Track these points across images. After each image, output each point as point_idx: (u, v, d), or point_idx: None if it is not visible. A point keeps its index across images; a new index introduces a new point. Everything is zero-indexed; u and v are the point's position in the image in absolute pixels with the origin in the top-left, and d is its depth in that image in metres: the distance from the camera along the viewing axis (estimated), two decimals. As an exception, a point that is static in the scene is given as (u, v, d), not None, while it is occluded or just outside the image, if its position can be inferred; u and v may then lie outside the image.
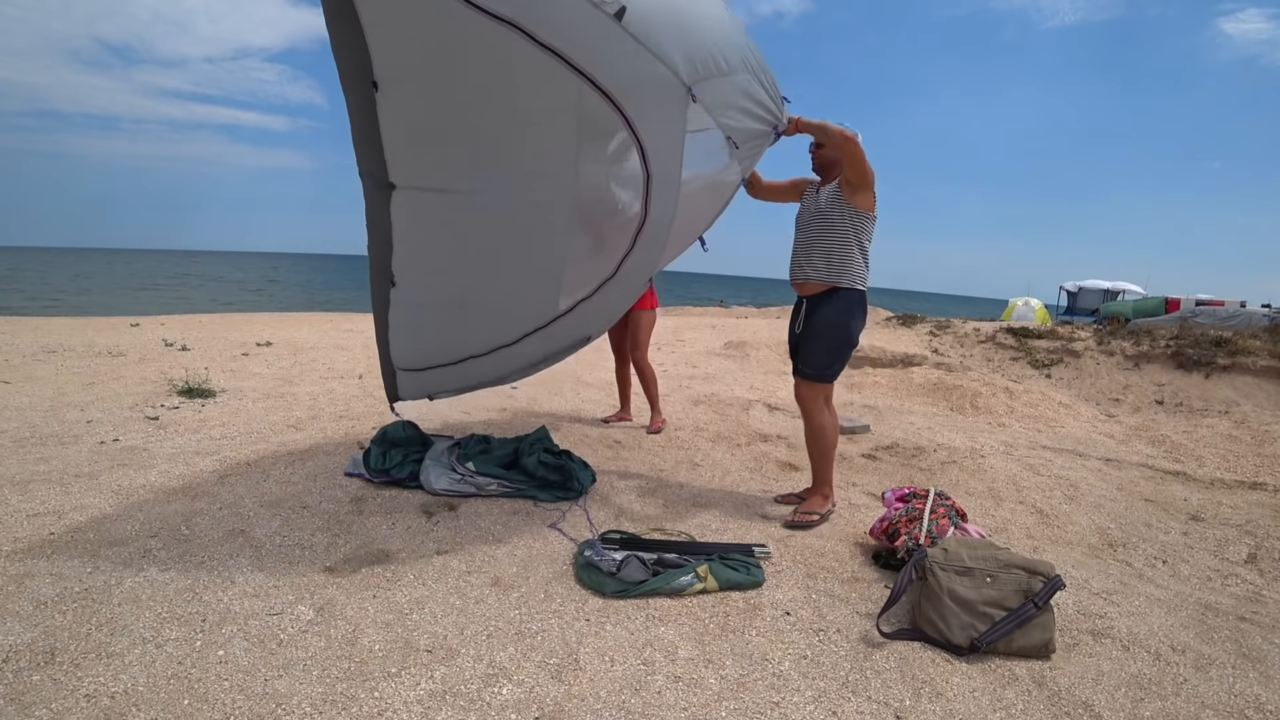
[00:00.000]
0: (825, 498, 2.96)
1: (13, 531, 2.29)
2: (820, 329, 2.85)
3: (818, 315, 2.86)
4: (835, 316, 2.82)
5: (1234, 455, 4.45)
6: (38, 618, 1.80)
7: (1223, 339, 7.67)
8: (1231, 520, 3.24)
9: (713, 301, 30.40)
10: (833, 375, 2.89)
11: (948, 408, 5.74)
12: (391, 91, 1.99)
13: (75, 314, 12.31)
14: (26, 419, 3.67)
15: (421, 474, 2.93)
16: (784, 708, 1.65)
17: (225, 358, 6.17)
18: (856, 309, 2.84)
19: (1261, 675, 1.92)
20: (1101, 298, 21.45)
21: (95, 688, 1.55)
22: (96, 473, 2.89)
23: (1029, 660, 1.91)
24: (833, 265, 2.81)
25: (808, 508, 2.92)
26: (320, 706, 1.54)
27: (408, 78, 2.00)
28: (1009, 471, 3.77)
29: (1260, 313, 13.61)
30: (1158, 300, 17.53)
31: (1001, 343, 8.86)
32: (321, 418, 4.07)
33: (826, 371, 2.86)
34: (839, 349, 2.86)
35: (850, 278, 2.81)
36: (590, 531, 2.62)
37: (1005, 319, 15.56)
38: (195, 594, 1.97)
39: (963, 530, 2.44)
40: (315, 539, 2.40)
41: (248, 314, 13.35)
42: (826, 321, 2.83)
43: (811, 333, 2.87)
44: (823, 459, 2.95)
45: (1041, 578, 1.99)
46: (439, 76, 2.02)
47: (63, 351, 5.96)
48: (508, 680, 1.68)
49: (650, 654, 1.83)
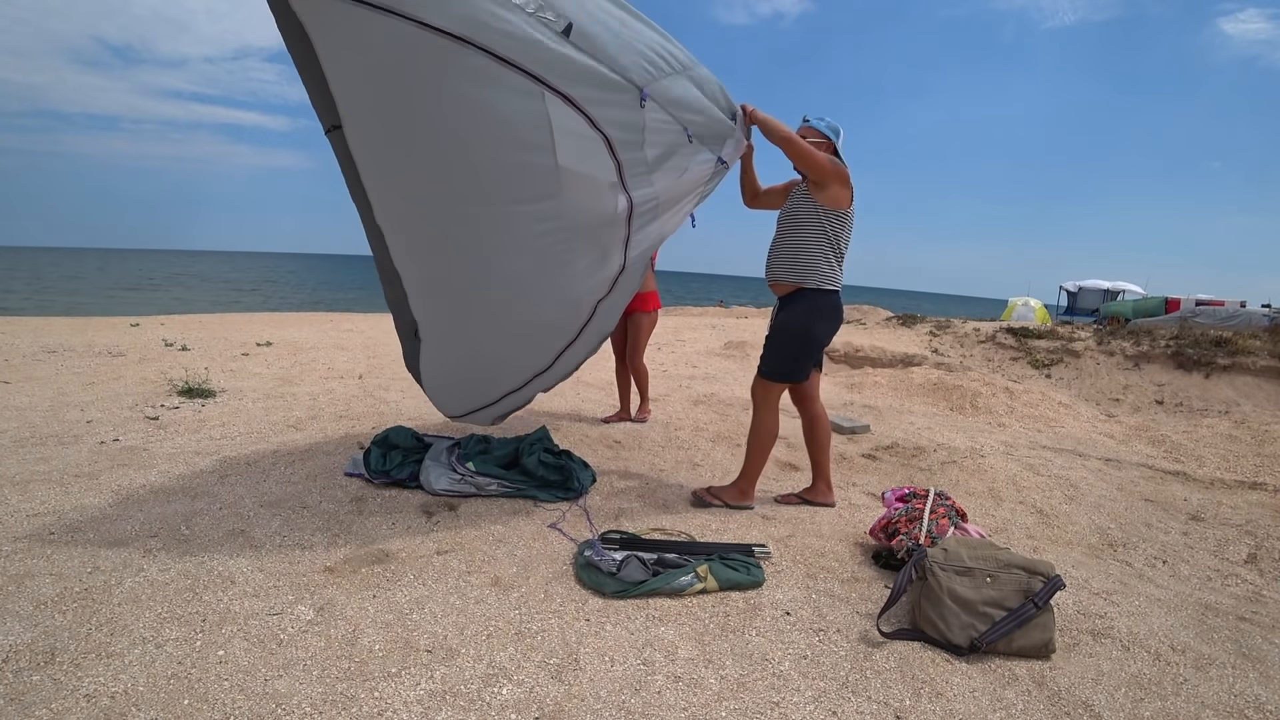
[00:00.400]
0: (742, 492, 2.96)
1: (13, 531, 2.29)
2: (779, 328, 2.86)
3: (781, 315, 2.87)
4: (796, 318, 2.81)
5: (1234, 455, 4.46)
6: (38, 618, 1.80)
7: (1223, 339, 7.67)
8: (1231, 520, 3.24)
9: (713, 301, 30.40)
10: (786, 376, 2.87)
11: (948, 408, 5.74)
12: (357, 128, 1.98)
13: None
14: (26, 419, 3.67)
15: (421, 474, 2.93)
16: (784, 708, 1.65)
17: (225, 358, 6.17)
18: (823, 310, 2.80)
19: (1261, 675, 1.92)
20: (1101, 298, 21.46)
21: (95, 688, 1.55)
22: (96, 473, 2.89)
23: (1029, 660, 1.91)
24: (798, 265, 2.79)
25: (719, 492, 2.96)
26: (320, 706, 1.54)
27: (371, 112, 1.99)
28: (1009, 471, 3.77)
29: (1260, 313, 13.61)
30: (1158, 300, 17.54)
31: (1001, 343, 8.87)
32: (321, 418, 4.07)
33: (778, 371, 2.86)
34: (797, 349, 2.84)
35: (818, 278, 2.77)
36: (590, 531, 2.62)
37: (1005, 319, 15.56)
38: (195, 594, 1.97)
39: (963, 530, 2.44)
40: (315, 539, 2.40)
41: (248, 314, 13.35)
42: (786, 322, 2.84)
43: (772, 331, 2.90)
44: (752, 454, 2.95)
45: (1041, 578, 1.99)
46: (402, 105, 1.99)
47: (63, 351, 5.96)
48: (508, 680, 1.68)
49: (650, 654, 1.83)
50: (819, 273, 2.77)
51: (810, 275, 2.77)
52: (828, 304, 2.80)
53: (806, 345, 2.84)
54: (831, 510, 3.06)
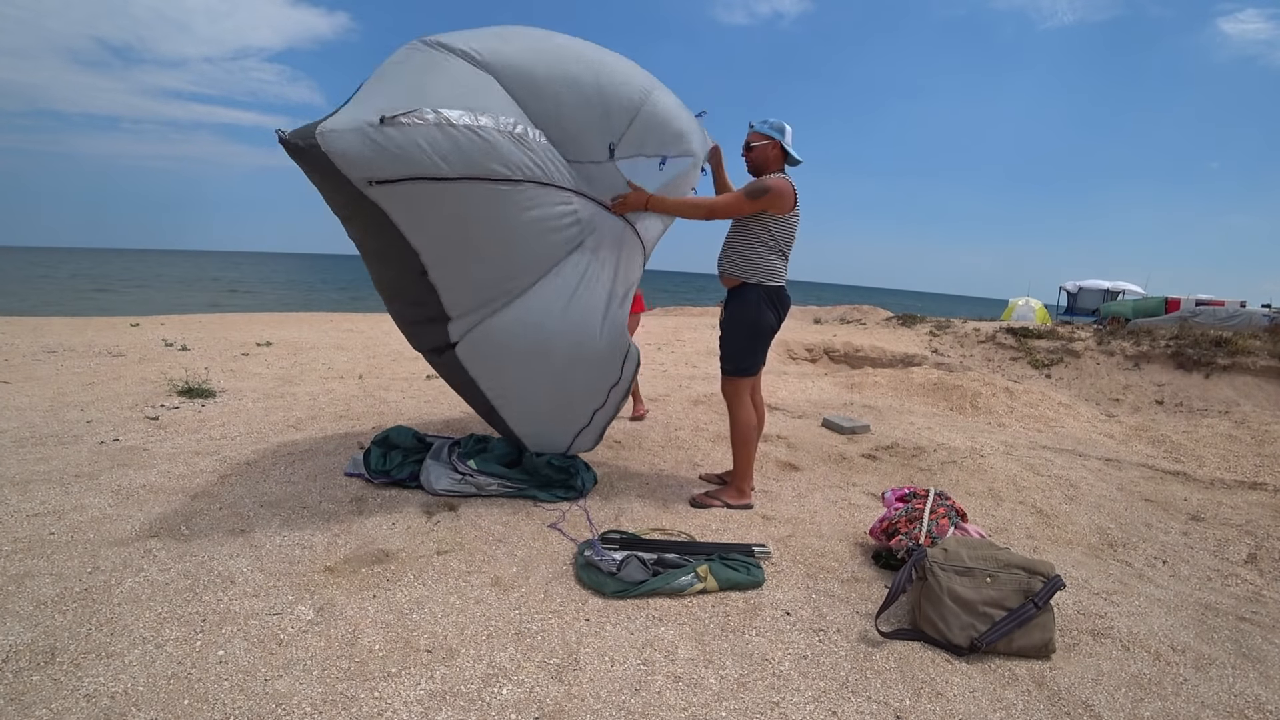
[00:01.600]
0: (741, 493, 3.05)
1: (13, 531, 2.29)
2: (729, 323, 3.01)
3: (729, 309, 3.03)
4: (742, 311, 2.96)
5: (1234, 455, 4.46)
6: (38, 618, 1.80)
7: (1223, 339, 7.67)
8: (1231, 520, 3.24)
9: (713, 301, 30.39)
10: (748, 369, 3.01)
11: (948, 408, 5.74)
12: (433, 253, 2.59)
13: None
14: (26, 419, 3.67)
15: (422, 474, 2.93)
16: (784, 708, 1.65)
17: (225, 358, 6.17)
18: (765, 303, 2.95)
19: (1261, 675, 1.92)
20: (1101, 298, 21.44)
21: (95, 688, 1.55)
22: (96, 473, 2.89)
23: (1029, 660, 1.91)
24: (738, 261, 2.95)
25: (720, 494, 3.06)
26: (320, 706, 1.54)
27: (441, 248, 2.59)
28: (1009, 471, 3.77)
29: (1260, 313, 13.60)
30: (1158, 300, 17.52)
31: (1001, 343, 8.87)
32: (321, 418, 4.07)
33: (739, 366, 3.00)
34: (750, 340, 2.98)
35: (759, 274, 2.92)
36: (590, 531, 2.62)
37: (1005, 319, 15.56)
38: (195, 594, 1.97)
39: (963, 530, 2.44)
40: (315, 539, 2.40)
41: (248, 314, 13.34)
42: (734, 316, 2.99)
43: (724, 328, 3.04)
44: (739, 451, 3.05)
45: (1041, 578, 1.99)
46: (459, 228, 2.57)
47: (63, 351, 5.96)
48: (508, 680, 1.68)
49: (650, 654, 1.83)
50: (760, 269, 2.93)
51: (752, 271, 2.93)
52: (771, 297, 2.97)
53: (756, 335, 2.98)
54: (831, 510, 3.06)
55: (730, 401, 3.05)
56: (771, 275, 2.93)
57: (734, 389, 3.02)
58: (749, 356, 2.99)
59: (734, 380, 3.02)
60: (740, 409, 3.03)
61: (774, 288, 2.95)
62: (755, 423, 3.08)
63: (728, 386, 3.04)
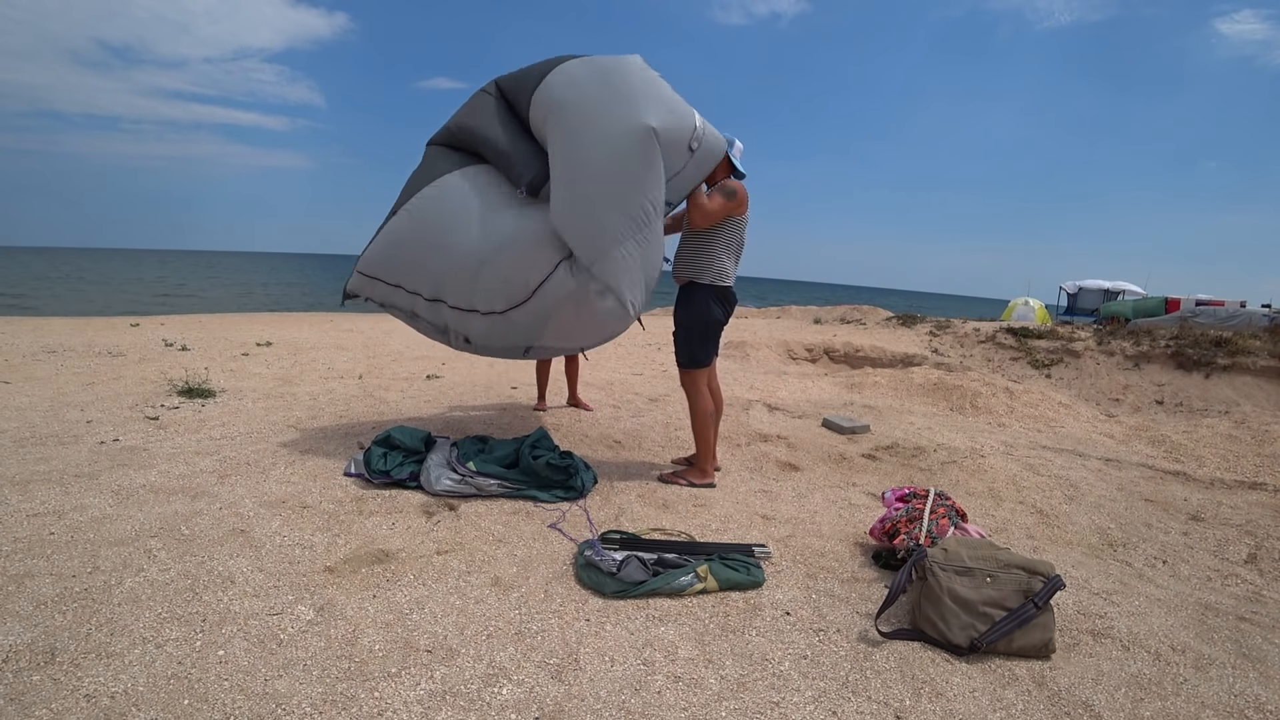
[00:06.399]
0: (704, 473, 3.32)
1: (13, 531, 2.29)
2: (681, 320, 3.26)
3: (680, 307, 3.26)
4: (693, 308, 3.20)
5: (1234, 455, 4.45)
6: (38, 618, 1.80)
7: (1223, 339, 7.67)
8: (1231, 520, 3.24)
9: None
10: (702, 361, 3.25)
11: (948, 408, 5.74)
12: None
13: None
14: (26, 419, 3.67)
15: (422, 475, 2.93)
16: (784, 708, 1.65)
17: (225, 358, 6.17)
18: (714, 301, 3.18)
19: (1261, 675, 1.92)
20: (1101, 298, 21.44)
21: (95, 688, 1.55)
22: (96, 473, 2.89)
23: (1029, 660, 1.91)
24: (688, 262, 3.20)
25: (686, 474, 3.31)
26: (320, 706, 1.54)
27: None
28: (1009, 471, 3.77)
29: (1260, 313, 13.60)
30: (1158, 300, 17.51)
31: (1001, 343, 8.87)
32: (321, 418, 4.07)
33: (694, 359, 3.24)
34: (701, 334, 3.21)
35: (712, 275, 3.16)
36: (590, 531, 2.62)
37: (1005, 319, 15.56)
38: (195, 594, 1.97)
39: (963, 530, 2.44)
40: (315, 539, 2.40)
41: (248, 314, 13.34)
42: (685, 313, 3.23)
43: (678, 326, 3.28)
44: (700, 435, 3.31)
45: (1041, 578, 1.99)
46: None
47: (63, 351, 5.96)
48: (508, 680, 1.68)
49: (650, 654, 1.83)
50: (711, 269, 3.17)
51: (703, 271, 3.17)
52: (719, 296, 3.21)
53: (707, 329, 3.22)
54: (831, 510, 3.06)
55: (689, 391, 3.31)
56: (723, 276, 3.17)
57: (691, 380, 3.28)
58: (702, 350, 3.24)
59: (691, 372, 3.27)
60: (698, 397, 3.28)
61: (723, 288, 3.19)
62: (713, 409, 3.35)
63: (686, 378, 3.30)
